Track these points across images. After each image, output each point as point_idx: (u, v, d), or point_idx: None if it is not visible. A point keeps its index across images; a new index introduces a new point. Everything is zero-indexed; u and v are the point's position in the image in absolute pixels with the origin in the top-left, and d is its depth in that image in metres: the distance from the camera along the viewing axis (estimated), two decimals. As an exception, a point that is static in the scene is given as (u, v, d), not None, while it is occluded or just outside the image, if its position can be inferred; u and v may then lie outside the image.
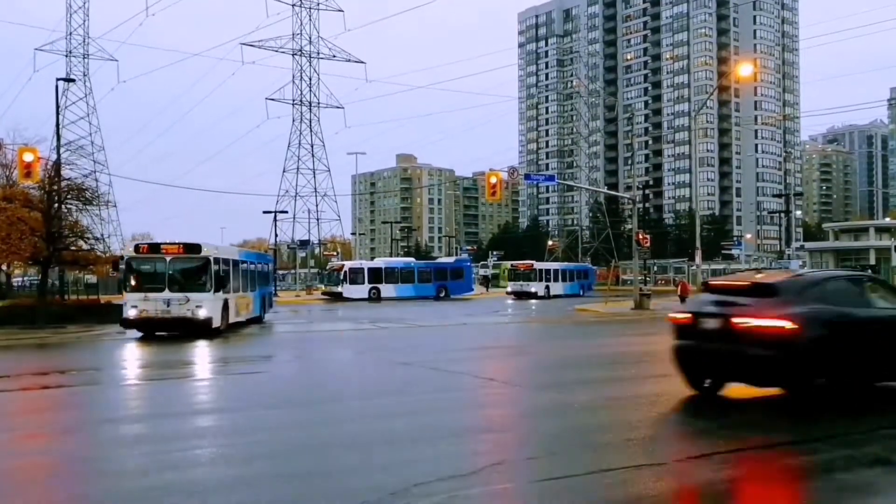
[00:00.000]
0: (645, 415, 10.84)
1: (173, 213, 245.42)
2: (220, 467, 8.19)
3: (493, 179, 37.81)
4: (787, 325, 10.52)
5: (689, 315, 12.08)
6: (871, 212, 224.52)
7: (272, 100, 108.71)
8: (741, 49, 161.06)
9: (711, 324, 11.47)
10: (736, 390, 11.89)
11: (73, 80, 68.09)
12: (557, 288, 68.17)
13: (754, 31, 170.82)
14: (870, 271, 54.54)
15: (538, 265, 70.24)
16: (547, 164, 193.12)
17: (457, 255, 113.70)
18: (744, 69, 48.59)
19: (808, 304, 10.95)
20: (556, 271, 71.55)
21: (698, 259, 44.81)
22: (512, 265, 73.45)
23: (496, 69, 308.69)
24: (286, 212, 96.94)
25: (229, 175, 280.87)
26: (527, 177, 67.63)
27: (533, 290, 64.64)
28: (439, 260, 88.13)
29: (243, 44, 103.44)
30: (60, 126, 37.76)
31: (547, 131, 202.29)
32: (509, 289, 67.18)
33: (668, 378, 12.41)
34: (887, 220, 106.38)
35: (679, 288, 44.18)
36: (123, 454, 8.98)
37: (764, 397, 11.54)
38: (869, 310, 11.75)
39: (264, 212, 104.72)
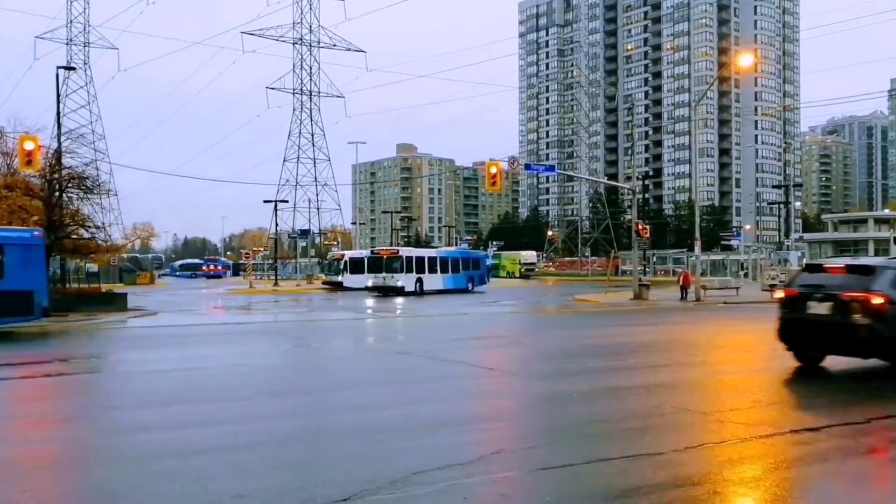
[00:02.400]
0: (643, 404, 10.91)
1: (174, 202, 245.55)
2: (221, 455, 8.25)
3: (494, 169, 37.81)
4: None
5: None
6: (871, 203, 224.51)
7: (273, 89, 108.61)
8: (742, 40, 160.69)
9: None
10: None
11: (73, 69, 67.90)
12: (434, 282, 55.35)
13: (755, 21, 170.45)
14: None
15: (406, 252, 56.08)
16: (547, 154, 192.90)
17: (457, 245, 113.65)
18: (744, 60, 48.54)
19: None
20: (432, 260, 57.47)
21: (697, 250, 44.79)
22: (372, 251, 59.28)
23: (497, 59, 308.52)
24: (287, 201, 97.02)
25: (230, 164, 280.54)
26: (527, 167, 67.18)
27: (399, 283, 51.99)
28: (440, 249, 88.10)
29: (244, 32, 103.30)
30: (61, 114, 37.76)
31: (547, 121, 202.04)
32: (369, 282, 53.35)
33: (667, 368, 12.50)
34: (886, 211, 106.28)
35: (681, 278, 44.15)
36: (125, 441, 9.04)
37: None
38: None
39: (265, 201, 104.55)
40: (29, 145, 27.78)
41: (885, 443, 9.03)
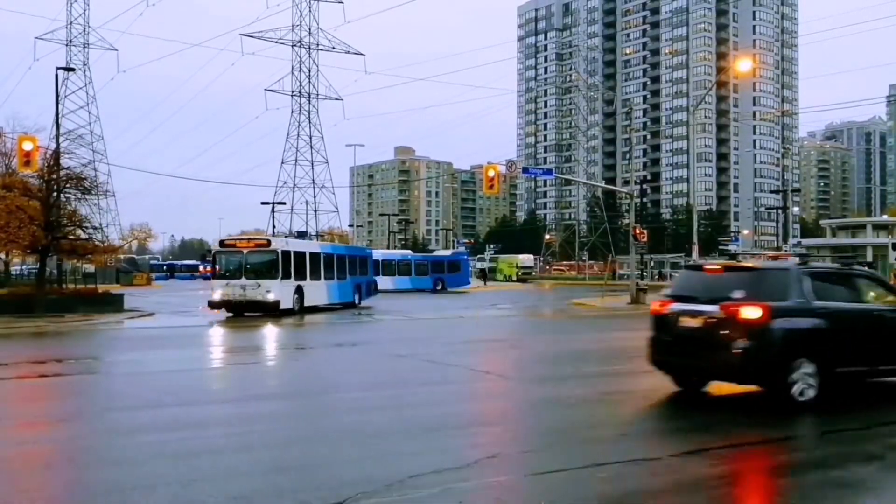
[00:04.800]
0: (640, 409, 10.91)
1: (172, 204, 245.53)
2: (217, 457, 8.23)
3: (492, 173, 37.81)
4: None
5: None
6: (869, 209, 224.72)
7: (271, 91, 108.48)
8: (740, 44, 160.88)
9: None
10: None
11: (73, 70, 67.86)
12: (318, 293, 35.37)
13: (753, 26, 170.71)
14: (866, 268, 54.70)
15: (282, 243, 34.18)
16: (545, 158, 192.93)
17: (454, 248, 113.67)
18: (743, 65, 48.63)
19: None
20: (316, 259, 35.66)
21: (695, 254, 44.84)
22: (223, 242, 34.00)
23: (495, 62, 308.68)
24: (284, 203, 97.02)
25: (228, 166, 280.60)
26: (525, 170, 66.85)
27: (270, 297, 31.16)
28: (436, 253, 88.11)
29: (243, 34, 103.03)
30: (60, 115, 37.75)
31: (545, 125, 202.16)
32: (214, 296, 32.00)
33: (662, 373, 12.45)
34: (885, 217, 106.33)
35: (675, 283, 44.21)
36: (120, 443, 9.02)
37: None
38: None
39: (262, 203, 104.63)
40: (27, 146, 27.76)
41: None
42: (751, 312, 10.37)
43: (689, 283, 12.29)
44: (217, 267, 32.97)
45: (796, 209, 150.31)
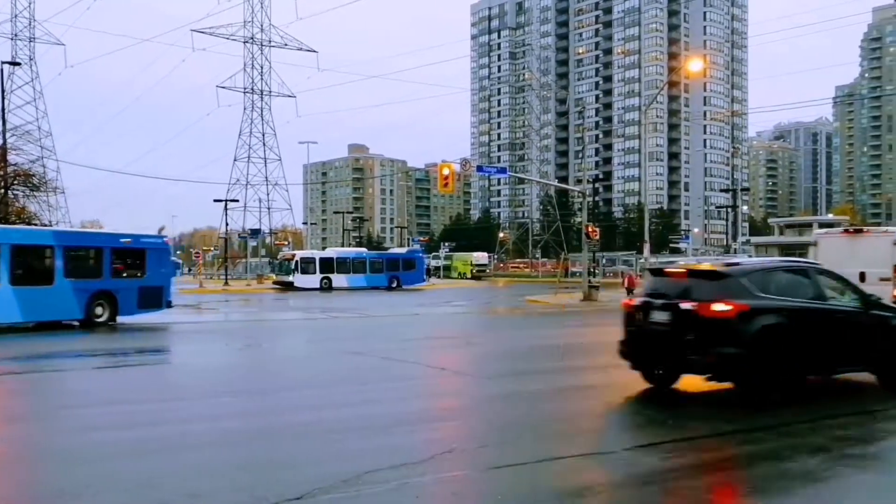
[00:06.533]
0: (594, 404, 11.03)
1: (123, 201, 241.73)
2: (174, 455, 8.18)
3: (446, 171, 37.87)
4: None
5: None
6: (815, 207, 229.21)
7: (223, 87, 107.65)
8: (691, 45, 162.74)
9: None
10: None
11: (18, 64, 66.82)
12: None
13: (704, 27, 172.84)
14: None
15: None
16: (499, 157, 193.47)
17: (409, 245, 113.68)
18: (693, 65, 49.06)
19: None
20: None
21: (647, 252, 45.28)
22: None
23: (449, 60, 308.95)
24: (237, 200, 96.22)
25: (180, 163, 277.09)
26: (479, 168, 66.98)
27: None
28: (391, 251, 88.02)
29: (194, 30, 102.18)
30: (6, 111, 37.06)
31: (499, 123, 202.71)
32: None
33: (617, 368, 12.61)
34: (830, 216, 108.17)
35: (626, 281, 44.77)
36: (75, 441, 8.93)
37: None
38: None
39: (215, 200, 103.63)
40: (-27, 141, 27.22)
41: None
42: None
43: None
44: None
45: (745, 208, 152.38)
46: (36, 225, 33.78)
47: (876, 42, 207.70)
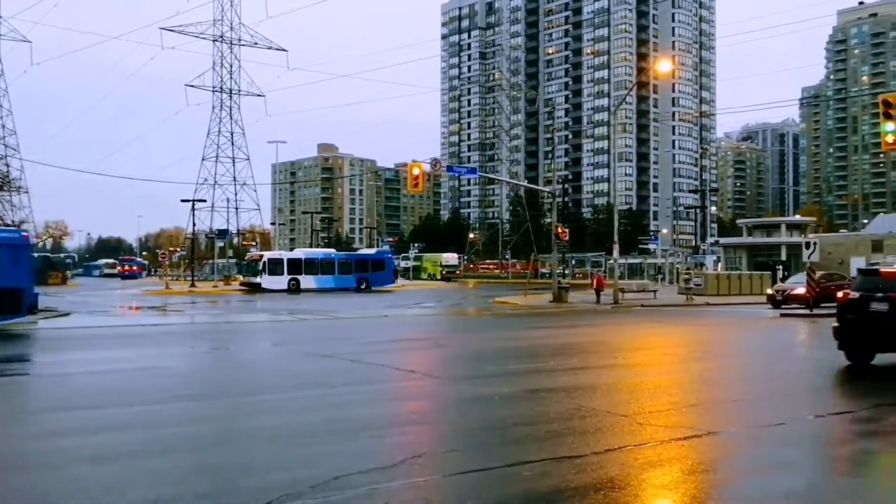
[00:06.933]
0: (564, 406, 10.97)
1: (89, 200, 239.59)
2: (138, 461, 8.02)
3: (416, 171, 37.79)
4: None
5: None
6: (783, 208, 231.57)
7: (192, 86, 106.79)
8: (660, 46, 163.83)
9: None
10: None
11: (-19, 62, 65.68)
12: None
13: (673, 28, 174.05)
14: (781, 267, 56.20)
15: None
16: (469, 157, 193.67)
17: (378, 246, 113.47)
18: (662, 66, 49.48)
19: None
20: None
21: (616, 253, 45.46)
22: None
23: (420, 60, 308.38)
24: (205, 200, 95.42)
25: (148, 162, 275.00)
26: (449, 168, 67.07)
27: None
28: (361, 251, 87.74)
29: (163, 28, 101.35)
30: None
31: (469, 124, 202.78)
32: None
33: (586, 370, 12.62)
34: (797, 217, 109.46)
35: (594, 282, 44.87)
36: (36, 447, 8.77)
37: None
38: None
39: (182, 200, 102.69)
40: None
41: (774, 444, 9.24)
42: None
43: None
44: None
45: (713, 209, 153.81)
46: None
47: (840, 44, 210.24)
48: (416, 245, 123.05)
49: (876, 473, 8.23)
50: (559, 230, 45.30)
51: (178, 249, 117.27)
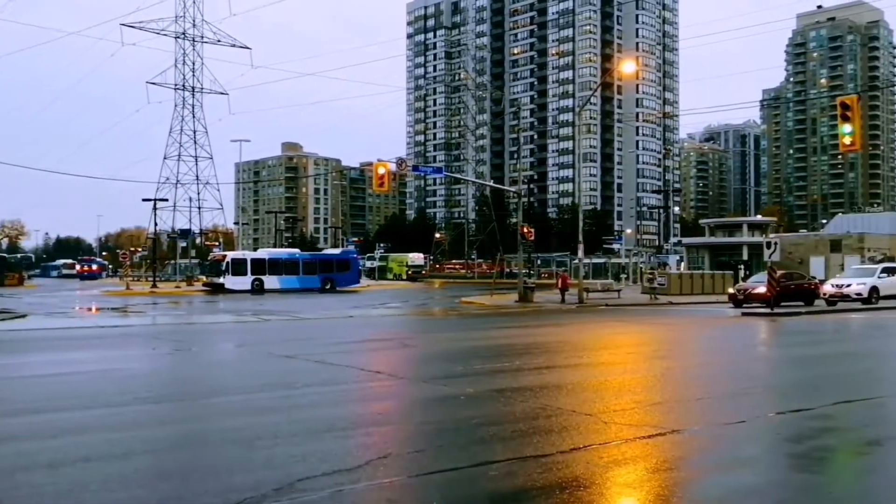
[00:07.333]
0: (530, 406, 10.97)
1: (47, 200, 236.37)
2: (96, 464, 7.88)
3: (382, 170, 37.74)
4: None
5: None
6: (745, 209, 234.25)
7: (153, 84, 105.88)
8: (624, 47, 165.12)
9: None
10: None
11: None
12: None
13: (637, 29, 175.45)
14: (742, 266, 56.79)
15: None
16: (435, 157, 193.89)
17: (343, 246, 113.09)
18: (626, 67, 49.85)
19: None
20: None
21: (580, 253, 45.71)
22: None
23: (386, 59, 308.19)
24: (166, 200, 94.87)
25: (108, 161, 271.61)
26: (415, 168, 67.25)
27: None
28: (325, 251, 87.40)
29: (123, 24, 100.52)
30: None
31: (435, 123, 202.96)
32: None
33: (552, 369, 12.63)
34: (759, 217, 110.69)
35: (559, 281, 45.13)
36: (-9, 453, 8.57)
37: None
38: None
39: (144, 199, 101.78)
40: None
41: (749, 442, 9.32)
42: None
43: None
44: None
45: (677, 209, 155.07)
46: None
47: (800, 47, 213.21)
48: (381, 245, 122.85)
49: (834, 470, 8.32)
50: (525, 230, 45.46)
51: (140, 249, 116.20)
